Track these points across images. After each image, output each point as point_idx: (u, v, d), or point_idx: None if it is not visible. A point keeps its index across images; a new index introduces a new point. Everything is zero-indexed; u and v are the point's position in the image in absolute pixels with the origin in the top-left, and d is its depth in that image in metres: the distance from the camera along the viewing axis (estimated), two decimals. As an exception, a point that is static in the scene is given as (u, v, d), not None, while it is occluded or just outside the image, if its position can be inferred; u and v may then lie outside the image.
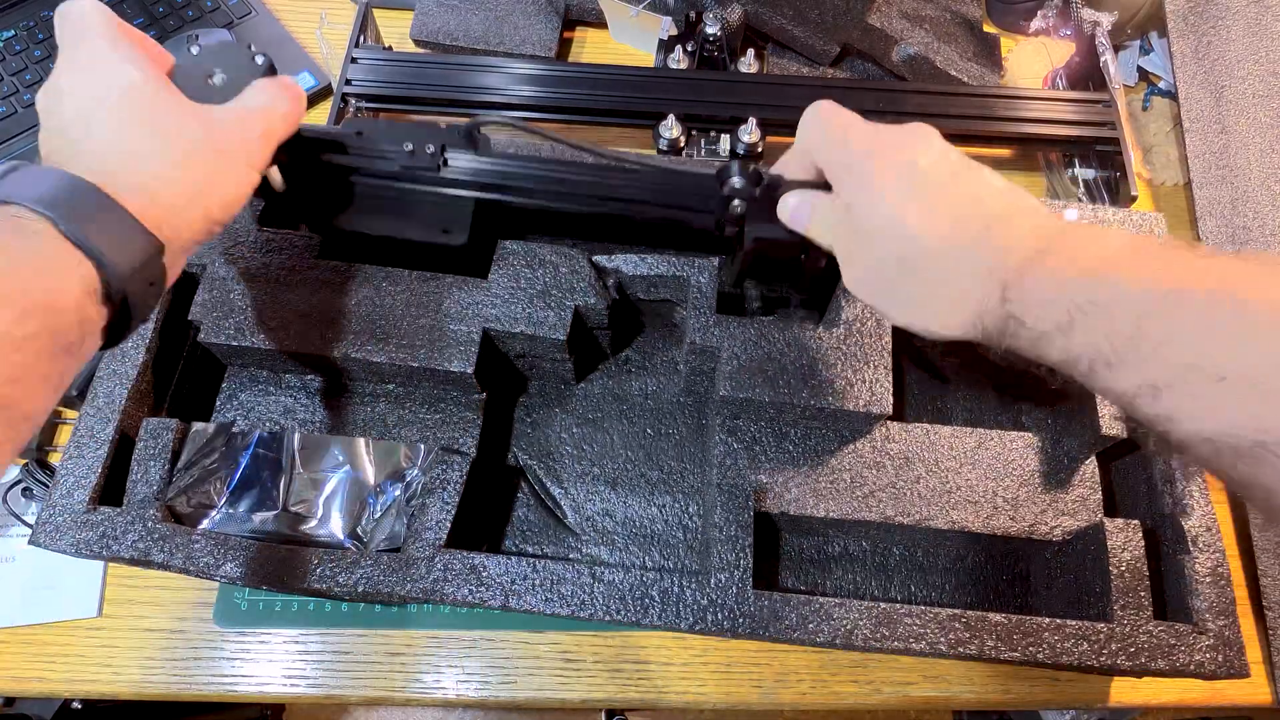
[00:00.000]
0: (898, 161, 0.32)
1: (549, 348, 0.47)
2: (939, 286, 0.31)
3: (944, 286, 0.31)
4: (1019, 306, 0.29)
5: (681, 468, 0.51)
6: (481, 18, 0.66)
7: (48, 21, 0.65)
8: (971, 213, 0.30)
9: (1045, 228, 0.30)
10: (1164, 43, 0.67)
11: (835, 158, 0.34)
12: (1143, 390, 0.26)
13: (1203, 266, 0.26)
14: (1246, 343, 0.24)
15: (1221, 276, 0.26)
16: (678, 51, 0.61)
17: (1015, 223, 0.30)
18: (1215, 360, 0.25)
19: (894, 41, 0.62)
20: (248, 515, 0.44)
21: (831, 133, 0.34)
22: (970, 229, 0.30)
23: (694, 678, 0.48)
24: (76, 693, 0.48)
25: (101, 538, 0.41)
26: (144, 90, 0.31)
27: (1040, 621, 0.40)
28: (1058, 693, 0.48)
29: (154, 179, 0.30)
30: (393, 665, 0.48)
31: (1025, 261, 0.29)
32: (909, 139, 0.32)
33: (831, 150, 0.34)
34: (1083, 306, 0.27)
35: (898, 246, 0.31)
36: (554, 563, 0.41)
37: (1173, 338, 0.26)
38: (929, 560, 0.50)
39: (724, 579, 0.41)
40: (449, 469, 0.44)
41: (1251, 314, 0.24)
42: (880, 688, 0.48)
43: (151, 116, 0.31)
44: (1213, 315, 0.25)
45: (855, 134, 0.33)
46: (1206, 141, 0.62)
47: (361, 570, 0.41)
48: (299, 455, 0.45)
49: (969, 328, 0.31)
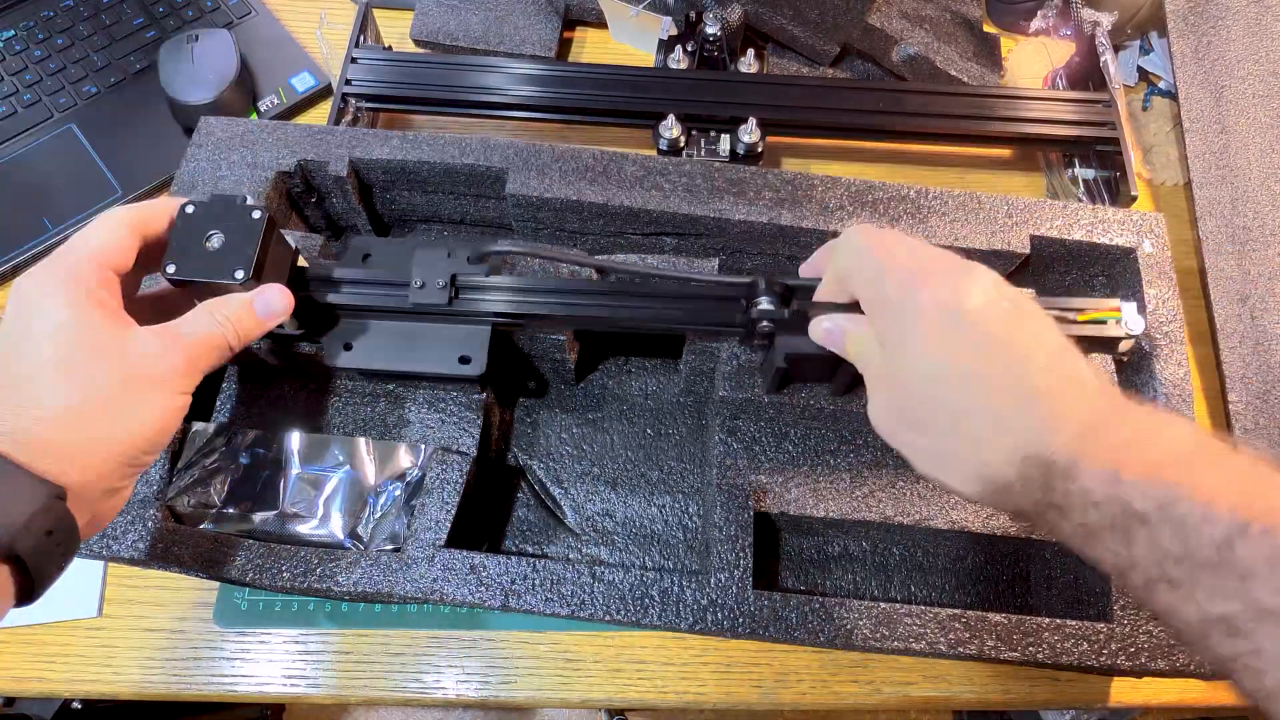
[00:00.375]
0: (940, 301, 0.29)
1: (549, 348, 0.47)
2: (969, 448, 0.28)
3: (974, 451, 0.28)
4: (1064, 496, 0.26)
5: (681, 468, 0.51)
6: (481, 18, 0.66)
7: (48, 21, 0.65)
8: (1016, 375, 0.27)
9: (1099, 407, 0.27)
10: (1164, 43, 0.67)
11: (871, 293, 0.32)
12: (1217, 626, 0.23)
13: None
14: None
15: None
16: (678, 51, 0.61)
17: (1068, 396, 0.27)
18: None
19: (894, 41, 0.62)
20: (248, 515, 0.44)
21: (867, 262, 0.32)
22: (1013, 396, 0.27)
23: (694, 678, 0.48)
24: (76, 693, 0.48)
25: (101, 538, 0.41)
26: (62, 328, 0.30)
27: (1040, 621, 0.40)
28: (1058, 693, 0.48)
29: (50, 425, 0.29)
30: (393, 665, 0.48)
31: (1074, 448, 0.26)
32: (955, 278, 0.29)
33: (868, 285, 0.32)
34: (1147, 516, 0.24)
35: (928, 395, 0.29)
36: (554, 563, 0.41)
37: (1261, 574, 0.22)
38: (929, 560, 0.50)
39: (724, 579, 0.41)
40: (449, 469, 0.44)
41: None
42: (880, 688, 0.48)
43: (61, 357, 0.30)
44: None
45: (895, 266, 0.30)
46: (1206, 141, 0.62)
47: (361, 570, 0.41)
48: (299, 455, 0.45)
49: (998, 498, 0.28)
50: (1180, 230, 0.62)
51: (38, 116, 0.62)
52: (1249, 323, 0.56)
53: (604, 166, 0.50)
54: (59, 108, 0.62)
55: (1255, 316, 0.57)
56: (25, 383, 0.29)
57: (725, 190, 0.49)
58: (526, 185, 0.49)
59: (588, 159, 0.50)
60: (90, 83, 0.63)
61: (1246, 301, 0.57)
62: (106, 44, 0.65)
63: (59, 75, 0.63)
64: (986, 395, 0.27)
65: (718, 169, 0.50)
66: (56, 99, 0.63)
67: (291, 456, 0.45)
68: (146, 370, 0.31)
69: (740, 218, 0.48)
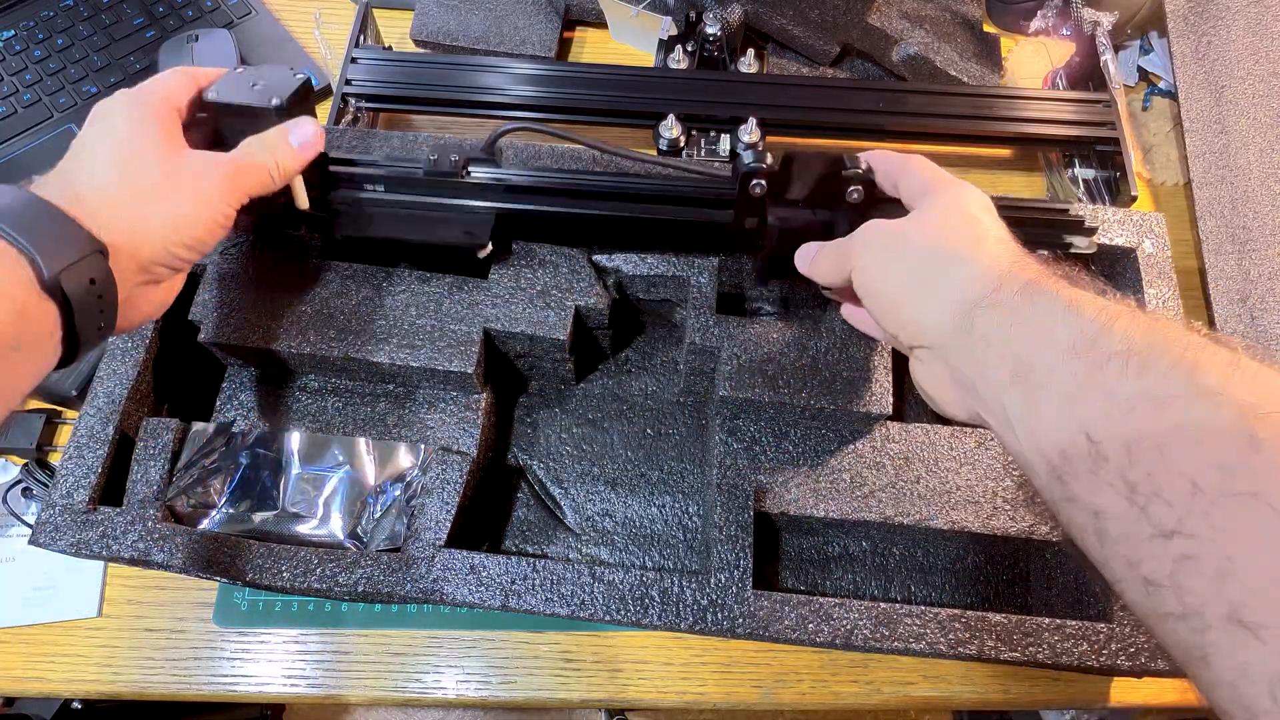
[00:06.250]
0: (951, 196, 0.35)
1: (549, 348, 0.47)
2: (927, 298, 0.33)
3: (932, 298, 0.32)
4: (976, 328, 0.30)
5: (681, 468, 0.51)
6: (481, 18, 0.66)
7: (48, 21, 0.65)
8: (972, 248, 0.32)
9: (1013, 271, 0.31)
10: (1164, 43, 0.67)
11: (909, 182, 0.38)
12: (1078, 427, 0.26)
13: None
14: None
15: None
16: (678, 51, 0.61)
17: (998, 263, 0.31)
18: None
19: (894, 41, 0.62)
20: (248, 515, 0.44)
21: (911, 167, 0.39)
22: (964, 260, 0.32)
23: (694, 678, 0.48)
24: (76, 693, 0.48)
25: (101, 538, 0.41)
26: (126, 135, 0.35)
27: (1040, 621, 0.40)
28: (1058, 693, 0.48)
29: (98, 191, 0.33)
30: (393, 665, 0.48)
31: (990, 296, 0.30)
32: (962, 189, 0.36)
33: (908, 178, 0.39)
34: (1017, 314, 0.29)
35: (925, 250, 0.34)
36: (554, 563, 0.41)
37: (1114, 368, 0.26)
38: (929, 560, 0.50)
39: (724, 579, 0.41)
40: (449, 469, 0.44)
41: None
42: (880, 688, 0.48)
43: (119, 153, 0.34)
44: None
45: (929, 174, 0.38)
46: (1206, 141, 0.62)
47: (361, 570, 0.41)
48: (299, 455, 0.45)
49: (940, 340, 0.32)
50: (1180, 230, 0.62)
51: (38, 116, 0.62)
52: (1249, 323, 0.56)
53: (604, 167, 0.50)
54: (59, 107, 0.62)
55: (1255, 316, 0.57)
56: (82, 167, 0.34)
57: (725, 190, 0.49)
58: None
59: (588, 159, 0.50)
60: (90, 83, 0.63)
61: (1246, 301, 0.57)
62: (106, 44, 0.65)
63: (59, 75, 0.63)
64: (952, 256, 0.33)
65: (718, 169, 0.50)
66: (56, 99, 0.63)
67: (291, 456, 0.45)
68: (194, 175, 0.35)
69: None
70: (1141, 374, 0.25)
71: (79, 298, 0.31)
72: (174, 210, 0.34)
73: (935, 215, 0.34)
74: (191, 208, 0.35)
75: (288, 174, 0.40)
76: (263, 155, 0.38)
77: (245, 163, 0.37)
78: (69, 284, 0.30)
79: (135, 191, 0.34)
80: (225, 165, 0.37)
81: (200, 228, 0.35)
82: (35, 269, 0.30)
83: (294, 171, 0.40)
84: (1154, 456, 0.23)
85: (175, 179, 0.35)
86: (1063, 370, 0.27)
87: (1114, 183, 0.59)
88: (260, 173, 0.38)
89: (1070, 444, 0.26)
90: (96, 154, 0.34)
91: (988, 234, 0.33)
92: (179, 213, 0.35)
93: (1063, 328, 0.27)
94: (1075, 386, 0.26)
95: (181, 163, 0.36)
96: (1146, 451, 0.23)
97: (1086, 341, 0.26)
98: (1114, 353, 0.25)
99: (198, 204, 0.35)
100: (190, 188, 0.35)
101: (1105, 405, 0.25)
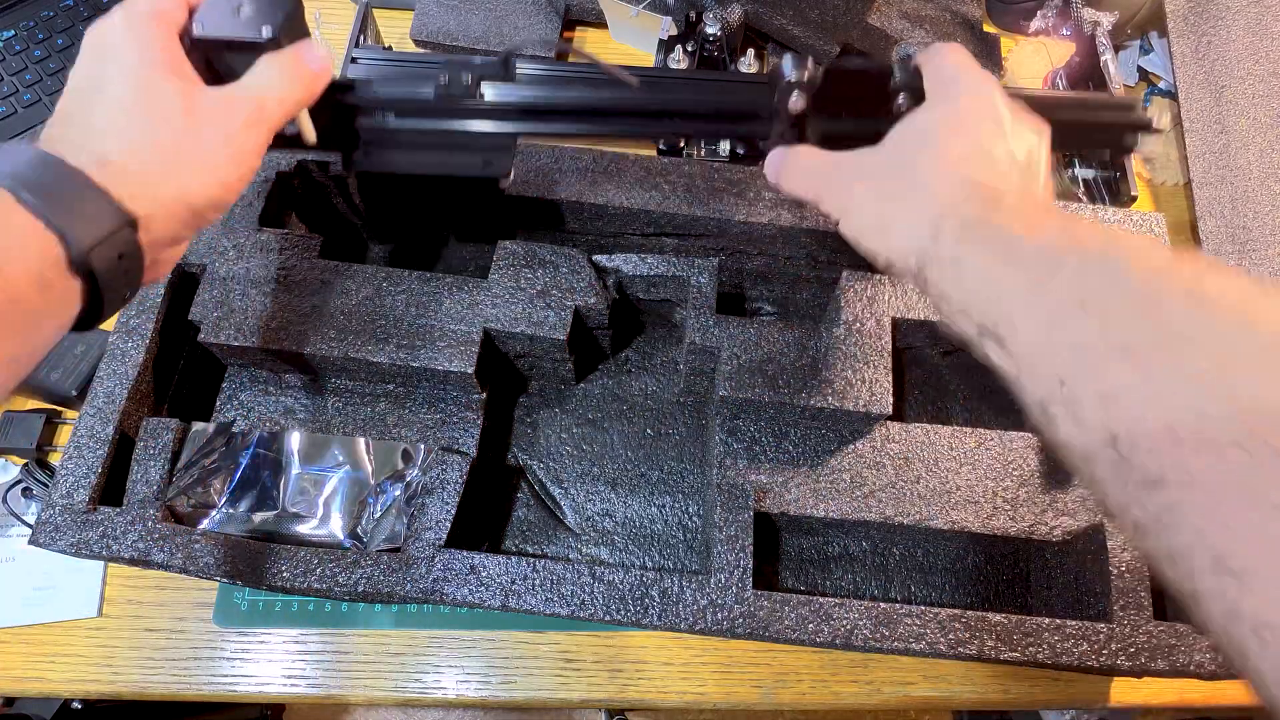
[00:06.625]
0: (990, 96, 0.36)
1: (549, 348, 0.47)
2: (910, 204, 0.33)
3: (913, 204, 0.33)
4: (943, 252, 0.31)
5: (681, 468, 0.51)
6: (481, 18, 0.66)
7: (48, 21, 0.65)
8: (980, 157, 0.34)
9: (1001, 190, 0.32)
10: (1164, 43, 0.67)
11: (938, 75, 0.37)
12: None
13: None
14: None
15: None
16: (678, 51, 0.61)
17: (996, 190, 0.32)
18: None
19: (894, 41, 0.62)
20: (248, 515, 0.44)
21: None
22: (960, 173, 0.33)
23: (694, 678, 0.48)
24: (76, 693, 0.48)
25: (101, 538, 0.41)
26: (137, 71, 0.32)
27: (1040, 621, 0.40)
28: (1058, 693, 0.48)
29: (125, 154, 0.30)
30: (393, 665, 0.48)
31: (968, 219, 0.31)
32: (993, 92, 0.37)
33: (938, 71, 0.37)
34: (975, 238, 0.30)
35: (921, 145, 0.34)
36: (554, 563, 0.41)
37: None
38: (929, 560, 0.50)
39: (724, 579, 0.41)
40: (449, 469, 0.44)
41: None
42: (880, 688, 0.48)
43: (136, 97, 0.31)
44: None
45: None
46: (1206, 141, 0.62)
47: (361, 570, 0.41)
48: (299, 455, 0.45)
49: (906, 246, 0.32)
50: (1180, 230, 0.63)
51: (38, 116, 0.62)
52: (1249, 323, 0.56)
53: (604, 167, 0.50)
54: (59, 108, 0.62)
55: (1255, 316, 0.56)
56: (103, 115, 0.31)
57: (725, 190, 0.49)
58: (525, 186, 0.49)
59: (587, 159, 0.50)
60: (90, 83, 0.63)
61: (1246, 301, 0.57)
62: (106, 44, 0.65)
63: (59, 75, 0.63)
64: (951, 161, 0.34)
65: (717, 169, 0.50)
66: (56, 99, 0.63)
67: (291, 456, 0.45)
68: (220, 126, 0.33)
69: (740, 218, 0.48)
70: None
71: (105, 272, 0.29)
72: (207, 177, 0.32)
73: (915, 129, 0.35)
74: (223, 171, 0.33)
75: (306, 103, 0.36)
76: (281, 87, 0.35)
77: (266, 98, 0.34)
78: (97, 261, 0.29)
79: (164, 155, 0.31)
80: (248, 106, 0.33)
81: (231, 192, 0.33)
82: (64, 246, 0.28)
83: (311, 100, 0.36)
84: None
85: (203, 128, 0.32)
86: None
87: (1114, 183, 0.59)
88: (283, 107, 0.35)
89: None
90: (110, 98, 0.31)
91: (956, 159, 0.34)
92: (212, 179, 0.32)
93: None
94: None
95: (204, 112, 0.32)
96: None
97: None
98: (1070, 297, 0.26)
99: (228, 162, 0.33)
100: (220, 144, 0.32)
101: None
